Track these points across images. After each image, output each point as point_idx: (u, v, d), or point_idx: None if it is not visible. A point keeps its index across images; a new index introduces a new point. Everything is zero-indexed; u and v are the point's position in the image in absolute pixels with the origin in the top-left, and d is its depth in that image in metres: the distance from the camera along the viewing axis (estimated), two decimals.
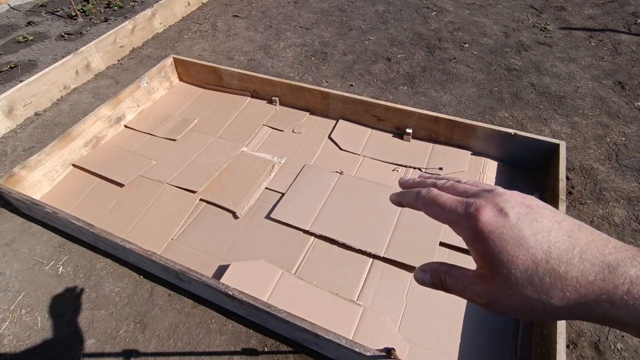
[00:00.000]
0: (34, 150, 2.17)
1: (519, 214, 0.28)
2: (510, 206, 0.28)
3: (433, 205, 0.33)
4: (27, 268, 1.64)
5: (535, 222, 0.27)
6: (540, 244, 0.26)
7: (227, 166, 1.95)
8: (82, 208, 1.83)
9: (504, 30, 3.03)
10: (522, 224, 0.27)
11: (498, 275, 0.27)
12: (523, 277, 0.26)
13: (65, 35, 3.15)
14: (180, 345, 1.39)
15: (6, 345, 1.41)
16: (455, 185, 0.34)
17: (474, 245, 0.29)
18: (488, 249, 0.28)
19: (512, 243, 0.27)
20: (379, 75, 2.64)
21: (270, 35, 3.12)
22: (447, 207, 0.31)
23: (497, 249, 0.27)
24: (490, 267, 0.28)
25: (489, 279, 0.28)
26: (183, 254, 1.62)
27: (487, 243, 0.28)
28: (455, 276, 0.31)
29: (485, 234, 0.28)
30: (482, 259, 0.29)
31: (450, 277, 0.31)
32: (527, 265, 0.26)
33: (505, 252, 0.27)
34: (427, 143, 2.04)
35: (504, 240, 0.27)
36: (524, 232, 0.27)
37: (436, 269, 0.33)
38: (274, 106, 2.34)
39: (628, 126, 2.15)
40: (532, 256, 0.26)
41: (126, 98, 2.25)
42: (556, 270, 0.25)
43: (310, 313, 1.34)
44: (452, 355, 1.29)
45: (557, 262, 0.25)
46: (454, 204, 0.31)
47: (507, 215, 0.28)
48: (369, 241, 1.59)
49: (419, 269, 0.34)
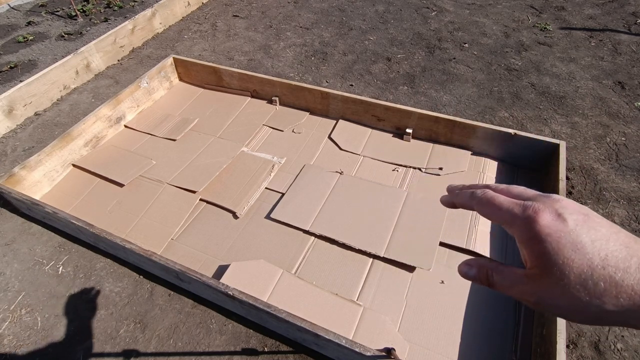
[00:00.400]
0: (34, 150, 2.17)
1: (577, 221, 0.28)
2: (569, 212, 0.29)
3: (489, 205, 0.33)
4: (27, 268, 1.64)
5: (594, 230, 0.28)
6: (598, 251, 0.27)
7: (227, 166, 1.95)
8: (82, 208, 1.83)
9: (504, 30, 3.03)
10: (580, 230, 0.28)
11: (551, 276, 0.28)
12: (577, 280, 0.27)
13: (65, 35, 3.15)
14: (180, 345, 1.39)
15: (6, 345, 1.41)
16: (510, 188, 0.35)
17: (529, 245, 0.30)
18: (544, 250, 0.28)
19: (569, 247, 0.27)
20: (379, 75, 2.64)
21: (270, 35, 3.12)
22: (503, 208, 0.32)
23: (553, 250, 0.28)
24: (544, 267, 0.28)
25: (540, 278, 0.29)
26: (183, 254, 1.62)
27: (543, 245, 0.28)
28: (503, 273, 0.32)
29: (543, 236, 0.28)
30: (536, 259, 0.29)
31: (497, 274, 0.32)
32: (583, 269, 0.26)
33: (561, 255, 0.27)
34: (427, 143, 2.04)
35: (561, 243, 0.28)
36: (581, 238, 0.27)
37: (483, 264, 0.33)
38: (274, 106, 2.34)
39: (628, 126, 2.15)
40: (589, 261, 0.26)
41: (126, 98, 2.25)
42: (612, 277, 0.26)
43: (310, 313, 1.34)
44: (452, 355, 1.29)
45: (614, 270, 0.26)
46: (511, 205, 0.31)
47: (565, 220, 0.28)
48: (369, 241, 1.59)
49: (465, 263, 0.35)
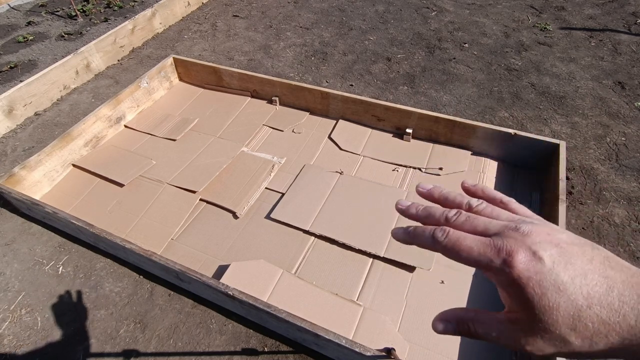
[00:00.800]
0: (34, 150, 2.17)
1: (552, 257, 0.27)
2: (543, 248, 0.28)
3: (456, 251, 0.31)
4: (27, 268, 1.64)
5: (570, 265, 0.27)
6: (580, 289, 0.26)
7: (227, 166, 1.95)
8: (82, 208, 1.83)
9: (504, 30, 3.03)
10: (558, 269, 0.27)
11: (539, 322, 0.27)
12: (566, 324, 0.26)
13: (65, 35, 3.15)
14: (180, 345, 1.39)
15: (6, 345, 1.41)
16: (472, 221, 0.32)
17: (510, 291, 0.28)
18: (527, 296, 0.27)
19: (551, 290, 0.26)
20: (379, 75, 2.64)
21: (270, 35, 3.12)
22: (474, 253, 0.30)
23: (537, 296, 0.27)
24: (530, 313, 0.27)
25: (526, 324, 0.27)
26: (183, 254, 1.62)
27: (525, 290, 0.27)
28: (485, 323, 0.30)
29: (524, 281, 0.27)
30: (519, 304, 0.28)
31: (480, 325, 0.30)
32: (570, 312, 0.26)
33: (545, 299, 0.26)
34: (427, 143, 2.04)
35: (544, 287, 0.27)
36: (561, 277, 0.26)
37: (462, 317, 0.31)
38: (274, 106, 2.34)
39: (628, 126, 2.15)
40: (574, 302, 0.26)
41: (126, 98, 2.25)
42: (599, 316, 0.25)
43: (310, 313, 1.34)
44: (452, 355, 1.29)
45: (599, 308, 0.25)
46: (482, 249, 0.29)
47: (541, 259, 0.27)
48: (369, 241, 1.59)
49: (440, 319, 0.32)
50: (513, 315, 0.29)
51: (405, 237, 0.34)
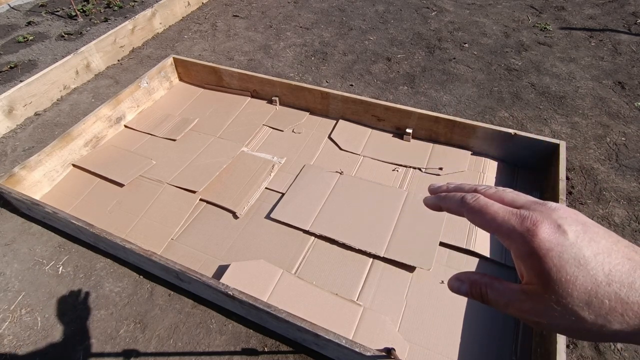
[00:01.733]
0: (34, 150, 2.17)
1: (577, 232, 0.27)
2: (568, 223, 0.28)
3: (482, 214, 0.31)
4: (27, 268, 1.64)
5: (594, 242, 0.27)
6: (602, 266, 0.25)
7: (227, 166, 1.95)
8: (82, 208, 1.83)
9: (504, 30, 3.03)
10: (581, 244, 0.26)
11: (553, 294, 0.26)
12: (581, 299, 0.26)
13: (65, 35, 3.15)
14: (180, 345, 1.39)
15: (6, 345, 1.41)
16: (502, 193, 0.32)
17: (527, 261, 0.28)
18: (545, 267, 0.27)
19: (571, 263, 0.26)
20: (379, 75, 2.64)
21: (270, 35, 3.12)
22: (498, 218, 0.30)
23: (555, 267, 0.26)
24: (545, 285, 0.27)
25: (540, 296, 0.27)
26: (183, 254, 1.62)
27: (544, 261, 0.27)
28: (498, 290, 0.30)
29: (544, 252, 0.27)
30: (536, 275, 0.28)
31: (492, 290, 0.30)
32: (587, 286, 0.25)
33: (564, 272, 0.26)
34: (427, 143, 2.04)
35: (563, 259, 0.26)
36: (583, 251, 0.26)
37: (476, 280, 0.31)
38: (274, 106, 2.34)
39: (628, 126, 2.15)
40: (593, 277, 0.25)
41: (126, 98, 2.25)
42: (617, 294, 0.25)
43: (310, 313, 1.34)
44: (452, 355, 1.29)
45: (619, 286, 0.25)
46: (507, 216, 0.29)
47: (565, 232, 0.27)
48: (369, 241, 1.59)
49: (455, 278, 0.33)
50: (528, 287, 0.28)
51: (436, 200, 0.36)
